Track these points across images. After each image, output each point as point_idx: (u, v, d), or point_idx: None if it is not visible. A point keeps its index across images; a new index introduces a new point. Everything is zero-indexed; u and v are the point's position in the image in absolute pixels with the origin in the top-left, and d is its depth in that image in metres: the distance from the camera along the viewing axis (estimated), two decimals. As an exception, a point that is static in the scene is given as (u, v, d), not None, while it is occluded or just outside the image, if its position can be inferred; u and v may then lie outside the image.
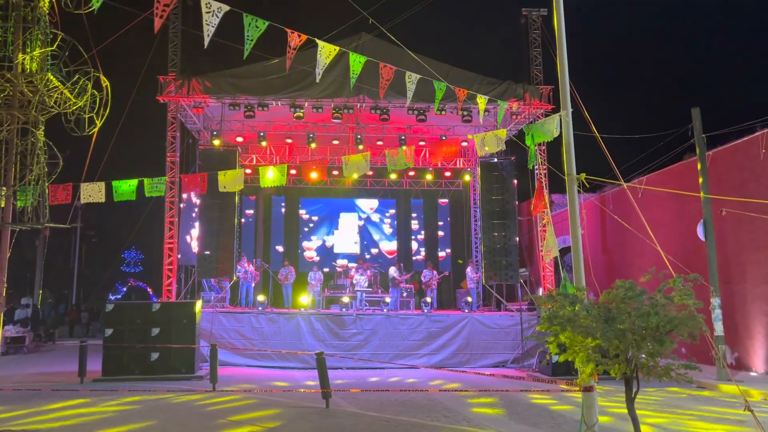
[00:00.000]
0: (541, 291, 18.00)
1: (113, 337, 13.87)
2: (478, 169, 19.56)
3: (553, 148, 15.39)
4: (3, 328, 11.29)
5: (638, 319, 6.15)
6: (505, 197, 18.68)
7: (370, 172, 22.95)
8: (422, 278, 19.63)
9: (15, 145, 8.73)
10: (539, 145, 17.32)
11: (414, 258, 24.43)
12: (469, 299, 18.24)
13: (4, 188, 8.58)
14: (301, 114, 17.70)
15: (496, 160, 18.78)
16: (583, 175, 7.95)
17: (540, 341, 12.93)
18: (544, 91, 18.14)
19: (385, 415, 9.56)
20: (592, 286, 8.23)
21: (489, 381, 12.82)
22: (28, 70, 8.71)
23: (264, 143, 20.24)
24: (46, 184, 9.00)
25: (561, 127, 8.07)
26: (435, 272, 19.83)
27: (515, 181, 18.95)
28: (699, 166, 14.21)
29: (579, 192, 8.05)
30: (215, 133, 19.05)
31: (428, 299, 18.03)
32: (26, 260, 31.13)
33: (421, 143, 20.50)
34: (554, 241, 8.73)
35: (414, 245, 24.98)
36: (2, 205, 8.54)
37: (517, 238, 18.81)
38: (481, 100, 9.25)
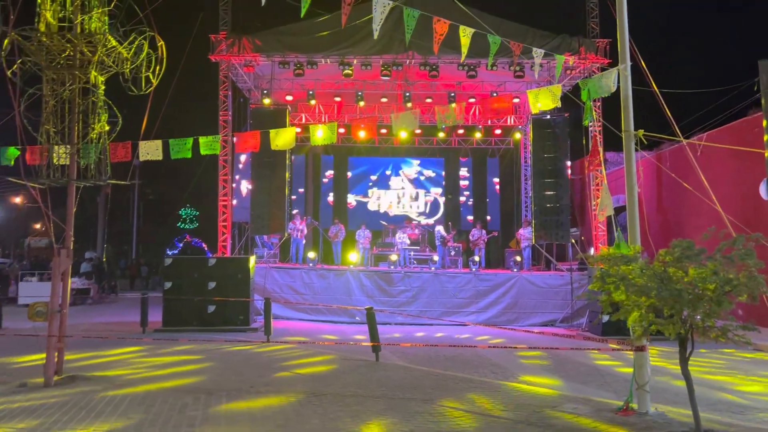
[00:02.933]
0: (592, 250, 17.73)
1: (172, 290, 14.47)
2: (530, 126, 19.16)
3: (608, 104, 14.90)
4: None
5: (695, 278, 6.02)
6: (557, 155, 18.30)
7: (419, 131, 22.80)
8: (470, 237, 19.61)
9: (77, 104, 9.02)
10: (594, 101, 16.79)
11: (462, 217, 24.35)
12: (518, 258, 18.14)
13: (68, 146, 8.91)
14: (349, 71, 17.62)
15: (548, 116, 18.33)
16: (641, 132, 7.70)
17: (591, 301, 12.81)
18: (600, 45, 17.48)
19: (433, 370, 9.74)
20: (647, 246, 8.05)
21: (538, 339, 12.84)
22: (87, 31, 8.93)
23: (313, 102, 20.31)
24: (107, 142, 9.29)
25: (619, 82, 7.79)
26: (483, 231, 19.76)
27: (568, 139, 18.52)
28: (765, 122, 13.52)
29: (636, 149, 7.82)
30: (265, 91, 19.22)
31: (476, 258, 18.04)
32: (89, 216, 32.53)
33: (471, 100, 20.17)
34: (609, 199, 8.53)
35: (462, 204, 24.87)
36: (67, 163, 8.89)
37: (569, 197, 18.49)
38: (537, 54, 8.98)
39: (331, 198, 24.70)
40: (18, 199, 51.64)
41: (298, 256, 18.98)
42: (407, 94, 19.40)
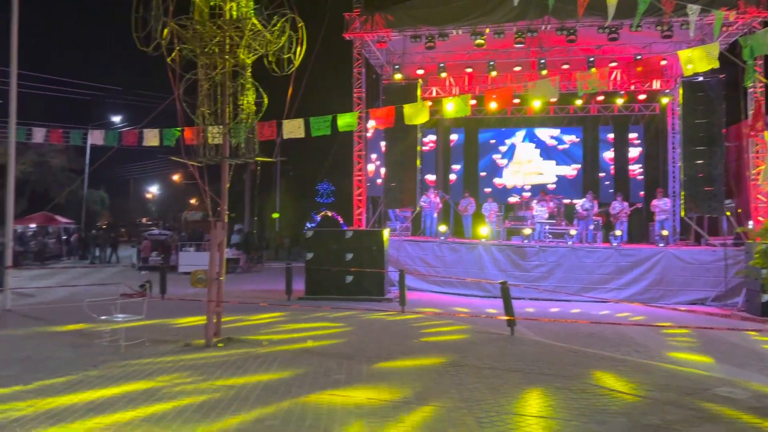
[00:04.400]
0: (751, 224, 16.16)
1: (313, 260, 15.32)
2: (680, 90, 17.69)
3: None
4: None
5: None
6: (711, 120, 16.76)
7: (554, 98, 21.90)
8: (611, 210, 18.62)
9: (227, 87, 9.68)
10: (755, 59, 15.12)
11: (602, 189, 23.17)
12: (665, 233, 17.01)
13: (221, 127, 9.62)
14: (482, 41, 17.25)
15: (701, 78, 16.77)
16: (815, 91, 6.85)
17: (750, 278, 11.76)
18: (764, -4, 15.67)
19: (572, 346, 9.48)
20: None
21: (686, 317, 12.05)
22: (235, 16, 9.53)
23: (444, 74, 20.18)
24: (255, 121, 9.92)
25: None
26: (625, 204, 18.68)
27: (723, 103, 16.88)
28: None
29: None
30: (397, 67, 19.41)
31: (617, 232, 17.16)
32: (237, 192, 35.08)
33: (613, 64, 18.99)
34: (774, 167, 7.73)
35: (602, 175, 23.66)
36: (221, 142, 9.61)
37: (723, 166, 16.92)
38: (693, 11, 8.23)
39: (460, 171, 24.57)
40: (176, 177, 56.76)
41: (431, 229, 19.17)
42: (542, 61, 18.67)
